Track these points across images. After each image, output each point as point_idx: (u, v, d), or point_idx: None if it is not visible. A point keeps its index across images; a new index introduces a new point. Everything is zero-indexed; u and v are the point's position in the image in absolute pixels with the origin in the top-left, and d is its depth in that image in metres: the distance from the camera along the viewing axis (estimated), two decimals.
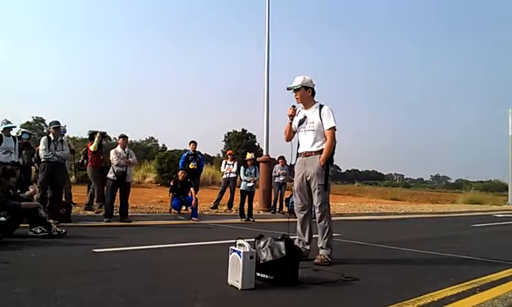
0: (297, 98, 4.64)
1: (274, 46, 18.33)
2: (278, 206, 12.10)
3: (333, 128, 4.47)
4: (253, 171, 10.09)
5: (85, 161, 9.39)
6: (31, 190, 7.06)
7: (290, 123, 4.69)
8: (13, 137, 7.64)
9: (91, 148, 9.11)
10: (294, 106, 4.69)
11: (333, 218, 4.68)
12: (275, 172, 12.10)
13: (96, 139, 9.08)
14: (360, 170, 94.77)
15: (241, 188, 9.96)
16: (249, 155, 10.41)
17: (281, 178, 11.91)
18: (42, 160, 7.53)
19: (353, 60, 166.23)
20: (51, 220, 6.22)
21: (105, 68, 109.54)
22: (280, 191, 12.00)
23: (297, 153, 4.70)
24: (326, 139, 4.48)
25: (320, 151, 4.45)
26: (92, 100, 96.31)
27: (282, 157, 12.07)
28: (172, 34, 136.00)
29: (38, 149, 8.03)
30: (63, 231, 5.79)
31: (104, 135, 9.44)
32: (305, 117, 4.59)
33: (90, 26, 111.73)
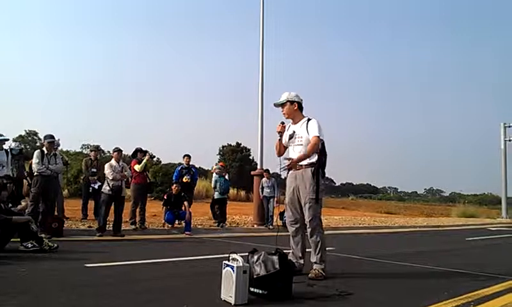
0: (284, 114, 4.72)
1: (269, 62, 18.47)
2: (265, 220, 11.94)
3: (317, 137, 4.46)
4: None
5: (129, 179, 9.27)
6: (23, 204, 6.99)
7: (280, 140, 4.74)
8: (6, 150, 7.57)
9: (137, 168, 9.22)
10: (282, 123, 4.76)
11: (327, 232, 4.69)
12: (261, 186, 11.91)
13: (144, 160, 9.32)
14: (354, 183, 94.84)
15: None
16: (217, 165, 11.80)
17: (268, 191, 11.75)
18: (35, 173, 7.46)
19: (349, 72, 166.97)
20: (43, 235, 6.15)
21: (99, 79, 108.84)
22: (268, 205, 11.87)
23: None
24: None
25: (311, 164, 4.47)
26: (83, 112, 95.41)
27: (267, 170, 12.02)
28: (166, 42, 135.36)
29: (31, 162, 7.95)
30: (55, 245, 5.72)
31: (151, 156, 9.54)
32: (294, 132, 4.64)
33: (83, 27, 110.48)
